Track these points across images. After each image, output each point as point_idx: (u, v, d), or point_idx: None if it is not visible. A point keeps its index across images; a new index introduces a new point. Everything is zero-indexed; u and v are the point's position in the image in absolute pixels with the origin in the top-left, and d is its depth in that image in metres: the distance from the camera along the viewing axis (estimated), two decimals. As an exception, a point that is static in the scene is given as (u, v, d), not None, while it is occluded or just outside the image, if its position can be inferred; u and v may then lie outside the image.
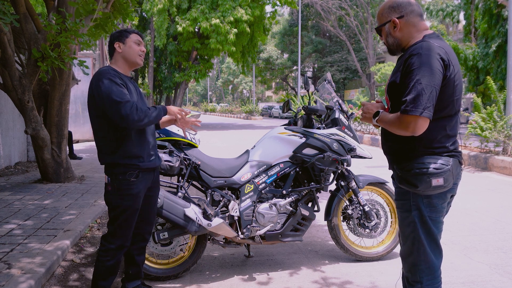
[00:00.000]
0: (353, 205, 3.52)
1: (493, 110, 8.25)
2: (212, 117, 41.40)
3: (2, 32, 5.49)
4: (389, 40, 2.03)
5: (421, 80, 1.79)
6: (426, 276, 1.98)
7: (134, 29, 2.64)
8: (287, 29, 41.61)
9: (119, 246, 2.55)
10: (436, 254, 1.99)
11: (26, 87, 5.79)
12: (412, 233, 1.98)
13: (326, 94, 3.57)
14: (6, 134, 7.72)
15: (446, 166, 1.88)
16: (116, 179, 2.48)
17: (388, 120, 1.95)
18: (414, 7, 1.97)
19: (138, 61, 2.59)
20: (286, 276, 3.25)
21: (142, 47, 2.62)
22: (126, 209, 2.50)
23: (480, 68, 16.49)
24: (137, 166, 2.49)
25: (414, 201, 1.95)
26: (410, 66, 1.84)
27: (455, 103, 1.92)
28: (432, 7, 22.05)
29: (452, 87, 1.88)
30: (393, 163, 2.07)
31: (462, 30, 24.35)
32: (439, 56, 1.83)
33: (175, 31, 21.83)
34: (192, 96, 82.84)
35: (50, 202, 5.05)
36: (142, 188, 2.55)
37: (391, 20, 1.98)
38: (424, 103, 1.78)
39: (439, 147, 1.91)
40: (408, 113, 1.81)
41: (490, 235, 4.20)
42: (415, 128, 1.82)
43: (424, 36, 1.94)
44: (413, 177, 1.90)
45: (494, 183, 6.97)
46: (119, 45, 2.55)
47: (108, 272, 2.56)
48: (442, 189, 1.90)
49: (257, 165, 3.31)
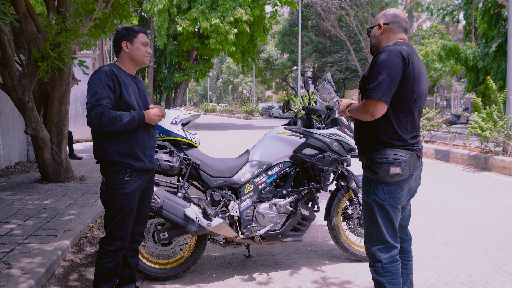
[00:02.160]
0: (353, 205, 3.52)
1: (493, 110, 8.25)
2: (212, 117, 41.40)
3: (2, 32, 5.49)
4: (372, 40, 2.37)
5: (383, 71, 2.11)
6: (384, 254, 2.23)
7: (141, 28, 2.61)
8: (287, 29, 41.60)
9: (118, 247, 2.54)
10: (392, 236, 2.25)
11: (26, 87, 5.79)
12: (371, 215, 2.26)
13: (326, 94, 3.57)
14: (6, 134, 7.72)
15: (403, 158, 2.17)
16: (110, 178, 2.48)
17: (355, 108, 2.28)
18: (401, 21, 2.30)
19: (145, 61, 2.62)
20: (286, 276, 3.25)
21: (149, 48, 2.62)
22: (121, 209, 2.49)
23: (480, 68, 16.48)
24: (131, 165, 2.49)
25: (375, 186, 2.25)
26: (376, 61, 2.16)
27: (415, 100, 2.20)
28: (432, 6, 22.06)
29: (411, 82, 2.16)
30: (361, 154, 2.36)
31: (462, 30, 24.35)
32: (400, 54, 2.13)
33: (175, 31, 21.82)
34: (192, 96, 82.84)
35: (50, 202, 5.05)
36: (136, 188, 2.54)
37: (379, 24, 2.33)
38: (383, 90, 2.10)
39: (399, 139, 2.20)
40: (370, 98, 2.13)
41: (490, 235, 4.20)
42: (374, 111, 2.13)
43: (395, 41, 2.26)
44: (375, 165, 2.21)
45: (494, 183, 6.97)
46: (126, 45, 2.55)
47: (108, 274, 2.55)
48: (399, 177, 2.19)
49: (257, 165, 3.31)
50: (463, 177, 7.56)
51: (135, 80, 2.64)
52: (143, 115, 2.49)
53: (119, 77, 2.49)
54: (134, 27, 2.60)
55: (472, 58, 16.89)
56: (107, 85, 2.42)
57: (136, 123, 2.46)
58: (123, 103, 2.48)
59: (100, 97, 2.38)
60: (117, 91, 2.47)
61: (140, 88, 2.64)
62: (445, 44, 17.58)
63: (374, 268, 2.25)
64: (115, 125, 2.38)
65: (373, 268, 2.26)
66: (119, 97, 2.47)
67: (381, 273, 2.21)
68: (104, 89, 2.40)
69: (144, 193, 2.68)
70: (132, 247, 2.73)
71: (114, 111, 2.40)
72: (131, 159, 2.48)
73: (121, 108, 2.47)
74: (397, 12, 2.32)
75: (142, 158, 2.53)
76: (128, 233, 2.58)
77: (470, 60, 16.94)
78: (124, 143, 2.48)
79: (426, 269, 3.35)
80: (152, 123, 2.57)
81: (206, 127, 23.48)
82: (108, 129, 2.40)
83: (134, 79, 2.63)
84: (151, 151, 2.63)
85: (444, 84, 33.77)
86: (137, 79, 2.68)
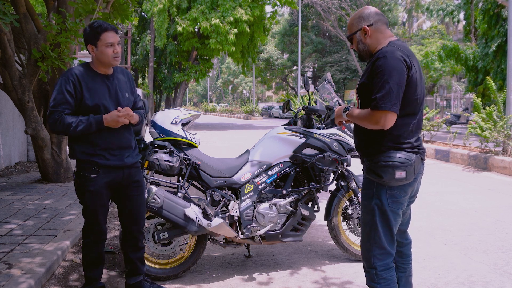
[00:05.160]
0: (353, 205, 3.52)
1: (493, 110, 8.25)
2: (212, 117, 41.40)
3: (2, 32, 5.49)
4: (360, 47, 2.26)
5: (389, 79, 2.01)
6: (379, 261, 2.18)
7: (106, 25, 2.47)
8: (287, 29, 41.59)
9: (93, 241, 2.65)
10: (390, 243, 2.19)
11: (26, 87, 5.79)
12: (371, 220, 2.18)
13: (326, 94, 3.57)
14: (6, 134, 7.72)
15: (409, 161, 2.09)
16: (78, 175, 2.56)
17: (357, 115, 2.18)
18: (380, 17, 2.22)
19: (113, 63, 2.54)
20: (286, 276, 3.25)
21: (116, 47, 2.50)
22: (88, 206, 2.58)
23: (480, 68, 16.47)
24: (95, 162, 2.52)
25: (377, 191, 2.16)
26: (378, 67, 2.06)
27: (418, 102, 2.14)
28: (432, 6, 22.06)
29: (414, 86, 2.10)
30: (363, 157, 2.27)
31: (462, 30, 24.35)
32: (402, 58, 2.05)
33: (175, 31, 21.82)
34: (192, 96, 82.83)
35: (50, 202, 5.05)
36: (103, 186, 2.56)
37: (362, 28, 2.21)
38: (392, 100, 2.01)
39: (404, 142, 2.12)
40: (379, 109, 2.03)
41: (490, 235, 4.20)
42: (385, 122, 2.04)
43: (389, 42, 2.17)
44: (380, 169, 2.11)
45: (494, 183, 6.97)
46: (92, 48, 2.51)
47: (90, 264, 2.70)
48: (404, 182, 2.11)
49: (257, 165, 3.31)
50: (463, 177, 7.56)
51: (107, 80, 2.58)
52: (101, 120, 2.48)
53: (82, 81, 2.49)
54: (100, 25, 2.47)
55: (472, 58, 16.89)
56: (67, 90, 2.46)
57: (93, 128, 2.48)
58: (84, 106, 2.50)
59: (57, 103, 2.46)
60: (78, 95, 2.49)
61: (111, 88, 2.58)
62: (445, 45, 17.59)
63: (368, 273, 2.22)
64: (69, 131, 2.45)
65: (367, 273, 2.23)
66: (80, 101, 2.49)
67: (375, 280, 2.19)
68: (62, 94, 2.46)
69: (129, 192, 2.69)
70: (132, 243, 2.79)
71: (70, 117, 2.45)
72: (95, 157, 2.53)
73: (82, 112, 2.50)
74: (372, 9, 2.24)
75: (107, 157, 2.55)
76: (100, 227, 2.65)
77: (470, 60, 16.94)
78: (88, 143, 2.53)
79: (426, 269, 3.35)
80: (113, 127, 2.51)
81: (206, 127, 23.48)
82: (65, 134, 2.51)
83: (106, 79, 2.58)
84: (123, 151, 2.61)
85: (444, 84, 33.77)
86: (111, 77, 2.60)
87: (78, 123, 2.44)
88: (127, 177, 2.65)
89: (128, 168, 2.64)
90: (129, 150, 2.65)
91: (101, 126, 2.48)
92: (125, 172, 2.63)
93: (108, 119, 2.48)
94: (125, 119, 2.51)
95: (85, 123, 2.45)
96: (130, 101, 2.67)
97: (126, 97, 2.64)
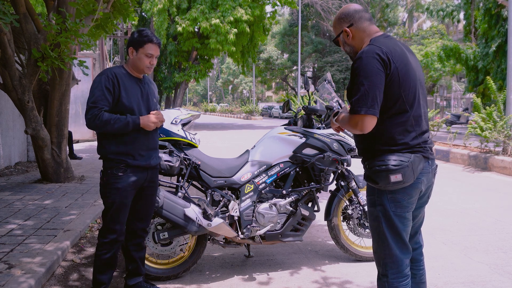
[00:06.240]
0: (353, 205, 3.52)
1: (493, 110, 8.25)
2: (212, 117, 41.40)
3: (2, 32, 5.49)
4: (346, 49, 2.16)
5: (364, 81, 1.90)
6: (391, 269, 2.05)
7: (153, 37, 2.60)
8: (287, 29, 41.59)
9: (112, 240, 2.65)
10: (402, 249, 2.06)
11: (26, 87, 5.79)
12: (378, 227, 2.08)
13: (326, 94, 3.57)
14: (6, 134, 7.72)
15: (404, 163, 1.95)
16: (106, 173, 2.63)
17: (342, 119, 2.10)
18: (361, 13, 2.09)
19: (145, 71, 2.69)
20: (286, 276, 3.25)
21: (153, 59, 2.65)
22: (113, 203, 2.60)
23: (480, 68, 16.48)
24: (125, 161, 2.59)
25: (379, 196, 2.05)
26: (354, 70, 1.97)
27: (407, 98, 1.98)
28: (432, 7, 22.05)
29: (397, 83, 1.95)
30: (363, 162, 2.18)
31: (462, 30, 24.35)
32: (378, 57, 1.92)
33: (175, 31, 21.81)
34: (192, 96, 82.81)
35: (50, 202, 5.05)
36: (130, 184, 2.62)
37: (343, 30, 2.10)
38: (368, 102, 1.89)
39: (398, 144, 1.99)
40: (355, 113, 1.93)
41: (490, 235, 4.20)
42: (362, 126, 1.93)
43: (370, 40, 2.03)
44: (374, 174, 2.01)
45: (494, 183, 6.97)
46: (132, 51, 2.63)
47: (104, 265, 2.67)
48: (402, 185, 1.97)
49: (257, 165, 3.31)
50: (463, 177, 7.56)
51: (140, 84, 2.71)
52: (138, 121, 2.58)
53: (120, 80, 2.59)
54: (147, 34, 2.60)
55: (472, 58, 16.89)
56: (106, 87, 2.53)
57: (130, 128, 2.56)
58: (121, 105, 2.58)
59: (97, 99, 2.52)
60: (116, 94, 2.57)
61: (143, 91, 2.71)
62: (445, 45, 17.58)
63: (380, 281, 2.11)
64: (107, 128, 2.51)
65: (379, 280, 2.12)
66: (118, 100, 2.57)
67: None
68: (102, 91, 2.52)
69: (145, 191, 2.76)
70: (136, 241, 2.83)
71: (109, 115, 2.52)
72: (125, 157, 2.60)
73: (119, 111, 2.57)
74: (351, 7, 2.11)
75: (136, 157, 2.63)
76: (122, 227, 2.67)
77: (470, 60, 16.95)
78: (121, 144, 2.60)
79: (426, 269, 3.31)
80: (147, 129, 2.64)
81: (206, 127, 23.48)
82: (102, 131, 2.55)
83: (139, 82, 2.70)
84: (150, 152, 2.71)
85: (444, 84, 33.78)
86: (143, 82, 2.74)
87: (116, 121, 2.51)
88: (150, 177, 2.74)
89: (151, 169, 2.75)
90: (155, 151, 2.77)
91: (137, 127, 2.59)
92: (148, 173, 2.73)
93: (145, 121, 2.60)
94: (158, 123, 2.67)
95: (123, 122, 2.53)
96: (157, 106, 2.82)
97: (154, 102, 2.79)
